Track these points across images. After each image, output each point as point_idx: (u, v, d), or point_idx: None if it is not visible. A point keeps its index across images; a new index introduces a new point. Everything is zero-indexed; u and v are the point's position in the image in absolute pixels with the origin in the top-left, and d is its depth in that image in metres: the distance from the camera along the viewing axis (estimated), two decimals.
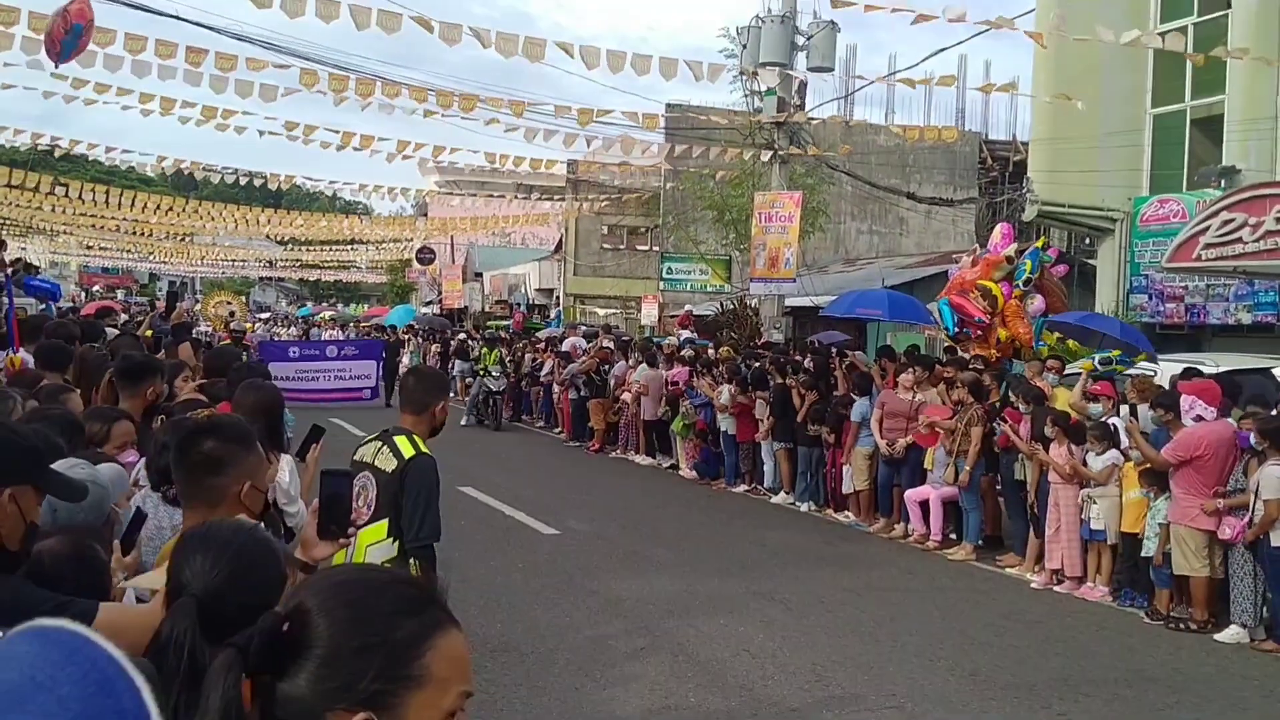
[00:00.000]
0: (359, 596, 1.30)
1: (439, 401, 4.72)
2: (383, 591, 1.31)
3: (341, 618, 1.27)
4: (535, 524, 12.19)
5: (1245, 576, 8.62)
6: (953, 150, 30.89)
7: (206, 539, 2.09)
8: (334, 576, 1.36)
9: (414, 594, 1.33)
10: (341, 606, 1.28)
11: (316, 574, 1.45)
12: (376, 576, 1.38)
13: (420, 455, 4.47)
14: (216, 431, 3.02)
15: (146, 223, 36.28)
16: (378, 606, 1.29)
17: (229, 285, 56.54)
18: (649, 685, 7.05)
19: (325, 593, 1.30)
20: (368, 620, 1.27)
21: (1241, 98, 17.11)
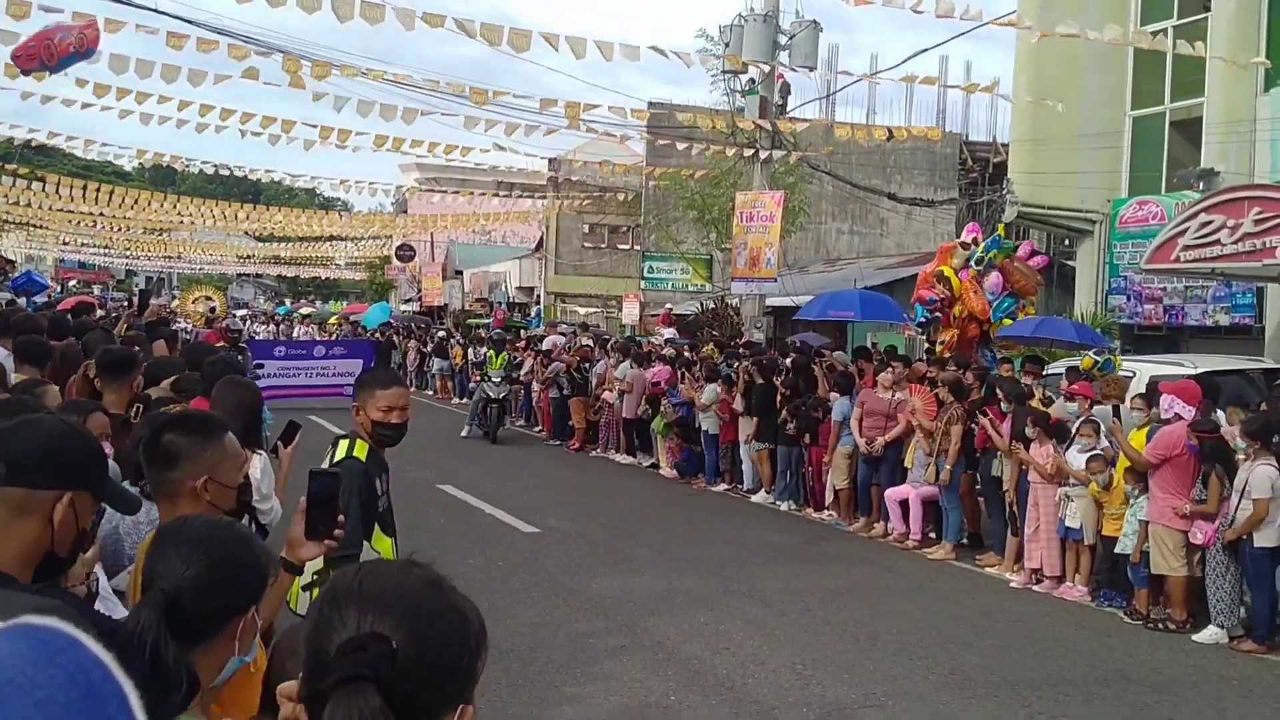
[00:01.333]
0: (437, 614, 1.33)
1: (361, 401, 4.44)
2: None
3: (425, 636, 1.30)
4: (515, 522, 12.14)
5: (1222, 577, 8.65)
6: (933, 151, 30.97)
7: (180, 534, 2.05)
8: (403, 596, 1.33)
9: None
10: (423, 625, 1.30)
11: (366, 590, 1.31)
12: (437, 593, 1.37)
13: (347, 459, 4.21)
14: (178, 425, 2.99)
15: (124, 218, 36.01)
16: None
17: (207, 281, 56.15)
18: (629, 683, 7.02)
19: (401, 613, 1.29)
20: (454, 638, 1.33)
21: (1220, 100, 17.23)
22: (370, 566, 1.38)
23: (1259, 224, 12.74)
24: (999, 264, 14.65)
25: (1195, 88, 18.00)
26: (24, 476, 2.16)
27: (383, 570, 1.37)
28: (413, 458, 15.48)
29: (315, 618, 1.31)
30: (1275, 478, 8.30)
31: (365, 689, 1.20)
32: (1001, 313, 14.47)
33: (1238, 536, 8.44)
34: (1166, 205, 17.34)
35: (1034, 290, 14.95)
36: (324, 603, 1.32)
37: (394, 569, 1.37)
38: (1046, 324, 13.97)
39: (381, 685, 1.21)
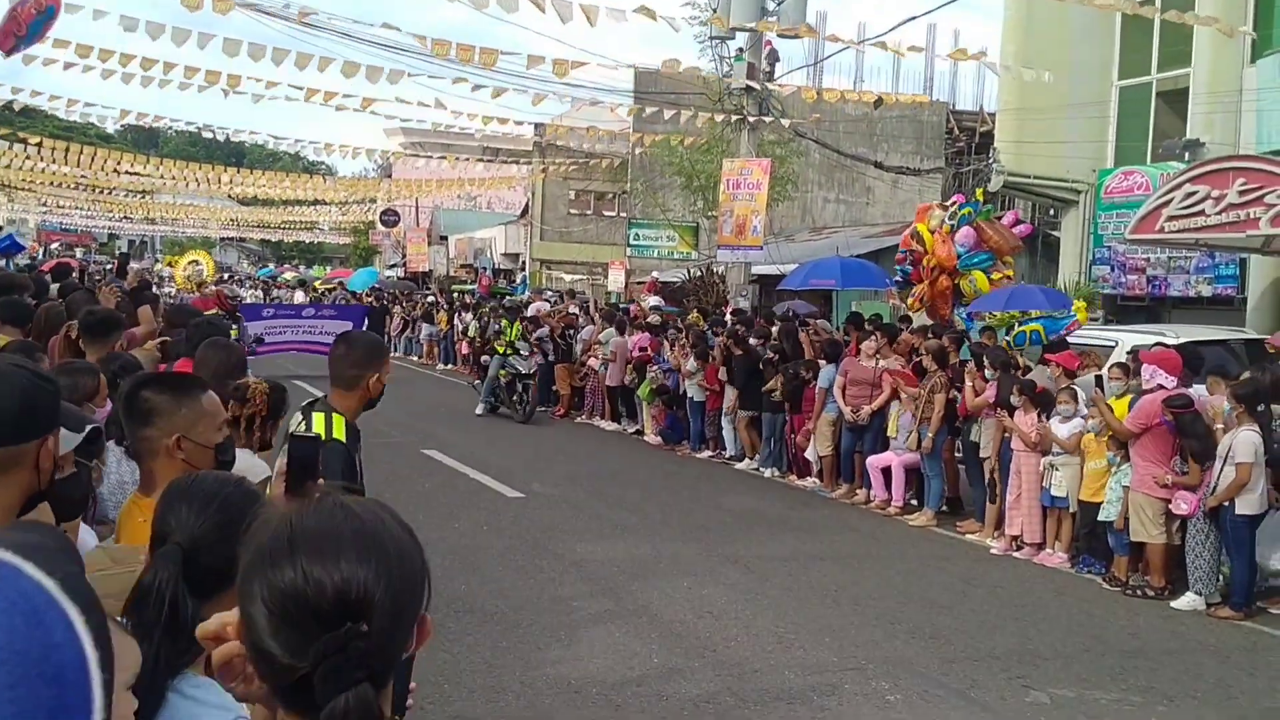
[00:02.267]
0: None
1: (373, 373, 4.10)
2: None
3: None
4: (500, 487, 12.17)
5: (1202, 545, 8.74)
6: (920, 120, 30.96)
7: (190, 490, 2.05)
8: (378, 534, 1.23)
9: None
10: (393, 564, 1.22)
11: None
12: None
13: (331, 442, 3.89)
14: (155, 383, 2.99)
15: (106, 181, 35.72)
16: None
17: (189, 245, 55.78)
18: (612, 646, 7.07)
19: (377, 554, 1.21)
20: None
21: (1207, 71, 17.22)
22: (298, 513, 1.21)
23: (1243, 195, 12.78)
24: (972, 222, 14.73)
25: (1182, 58, 17.99)
26: (6, 436, 2.16)
27: (318, 514, 1.22)
28: (398, 423, 15.50)
29: (244, 591, 1.19)
30: (1259, 443, 8.37)
31: (362, 690, 1.14)
32: (973, 264, 14.50)
33: (1219, 503, 8.51)
34: (1152, 176, 17.37)
35: (1009, 251, 14.93)
36: (252, 575, 1.18)
37: (325, 512, 1.22)
38: (1017, 294, 13.94)
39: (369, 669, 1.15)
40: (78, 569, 0.84)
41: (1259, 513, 8.46)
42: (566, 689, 6.29)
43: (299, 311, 24.43)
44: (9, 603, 0.78)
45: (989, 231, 14.61)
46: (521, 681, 6.32)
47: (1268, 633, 8.20)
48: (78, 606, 0.79)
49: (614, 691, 6.30)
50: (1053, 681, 6.81)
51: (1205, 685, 6.97)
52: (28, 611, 0.78)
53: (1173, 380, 9.29)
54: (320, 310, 24.86)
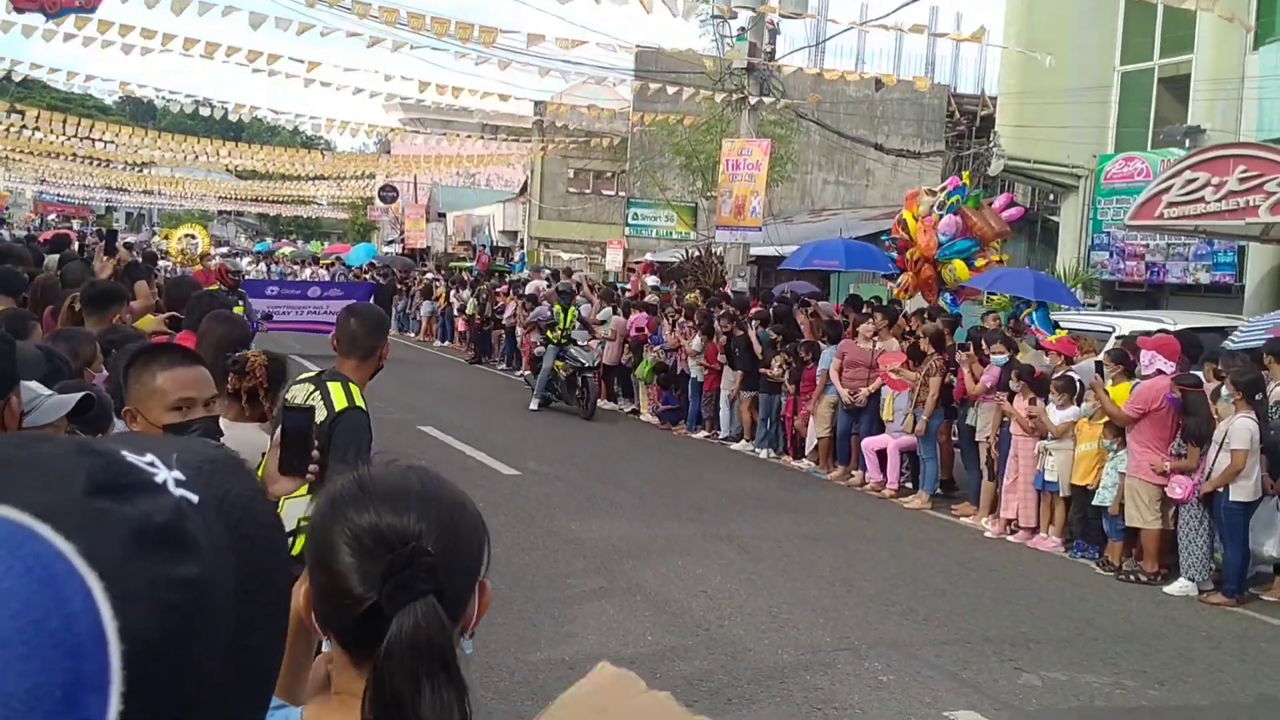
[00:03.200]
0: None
1: (384, 344, 4.35)
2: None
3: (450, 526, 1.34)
4: (495, 464, 12.17)
5: (1195, 531, 8.77)
6: (921, 103, 30.85)
7: None
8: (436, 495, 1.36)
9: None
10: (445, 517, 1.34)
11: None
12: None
13: (353, 409, 4.07)
14: (133, 357, 2.99)
15: (104, 153, 35.58)
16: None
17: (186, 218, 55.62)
18: (606, 624, 7.09)
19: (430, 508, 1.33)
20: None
21: (1209, 57, 17.18)
22: (365, 472, 1.36)
23: (1243, 182, 12.78)
24: (958, 210, 14.66)
25: (1185, 44, 17.94)
26: None
27: (381, 474, 1.36)
28: (394, 399, 15.49)
29: (321, 537, 1.30)
30: (1254, 430, 8.39)
31: (429, 602, 1.24)
32: (953, 253, 14.43)
33: (1214, 489, 8.54)
34: (1152, 162, 17.35)
35: (995, 236, 14.83)
36: (331, 520, 1.30)
37: (390, 472, 1.36)
38: (1006, 276, 13.71)
39: (439, 592, 1.25)
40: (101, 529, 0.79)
41: (1253, 499, 8.48)
42: (560, 666, 6.31)
43: (304, 290, 23.70)
44: (25, 567, 0.75)
45: (974, 219, 14.51)
46: (516, 658, 6.33)
47: (1260, 619, 8.24)
48: (97, 572, 0.76)
49: None
50: (1045, 664, 6.84)
51: (1197, 670, 7.00)
52: (44, 577, 0.76)
53: (1172, 365, 9.31)
54: (327, 289, 24.32)
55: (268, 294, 21.82)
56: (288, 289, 23.61)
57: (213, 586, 0.74)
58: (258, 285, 23.57)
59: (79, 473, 0.73)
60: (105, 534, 0.72)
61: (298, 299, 22.50)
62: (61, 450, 0.74)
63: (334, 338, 4.35)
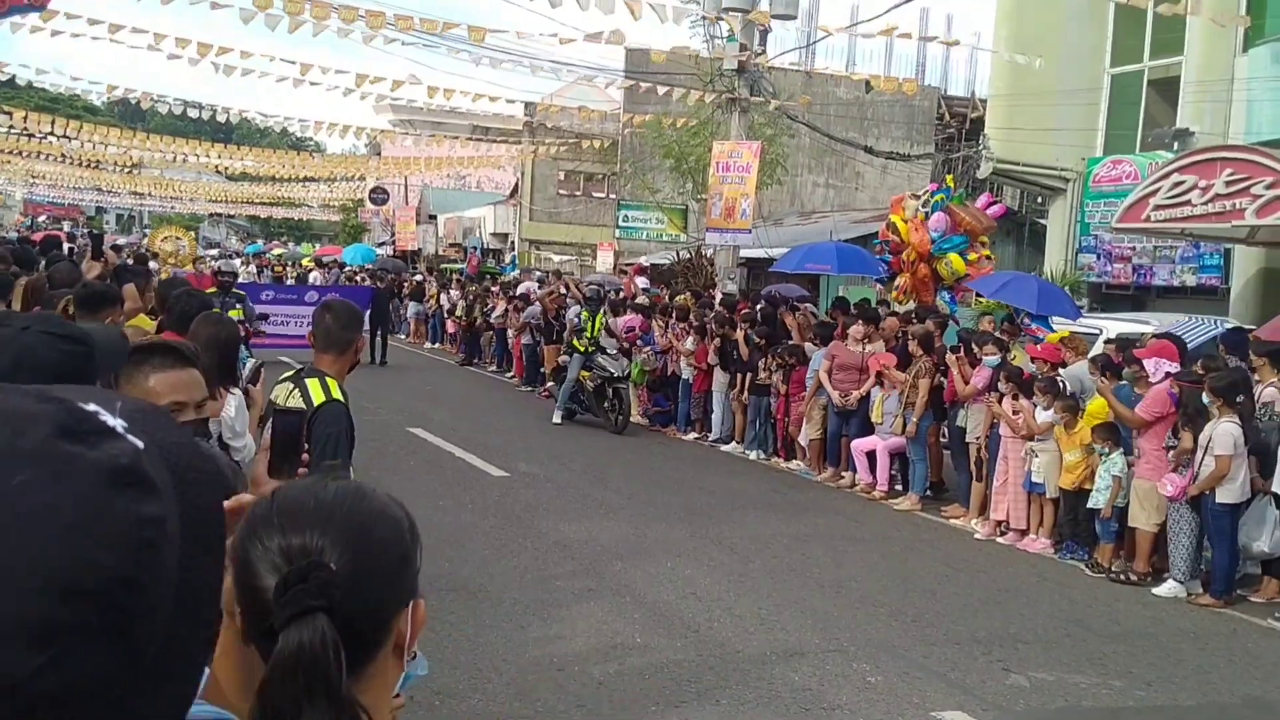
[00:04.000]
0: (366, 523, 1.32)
1: (359, 337, 4.45)
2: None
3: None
4: (485, 466, 12.17)
5: (1184, 532, 8.80)
6: (911, 105, 30.92)
7: None
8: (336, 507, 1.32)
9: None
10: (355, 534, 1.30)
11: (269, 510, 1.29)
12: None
13: (330, 402, 4.13)
14: (153, 354, 2.98)
15: (93, 154, 35.48)
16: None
17: (177, 220, 55.50)
18: (595, 625, 7.09)
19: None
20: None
21: (1199, 60, 17.24)
22: (285, 490, 1.33)
23: (1230, 185, 12.84)
24: (944, 207, 14.74)
25: (1174, 46, 17.99)
26: None
27: (299, 490, 1.33)
28: (383, 400, 15.48)
29: (241, 555, 1.28)
30: (1238, 435, 8.42)
31: (316, 619, 1.19)
32: (947, 248, 14.48)
33: (1200, 492, 8.57)
34: (1140, 165, 17.40)
35: (983, 231, 14.89)
36: (246, 537, 1.28)
37: (310, 487, 1.33)
38: (1012, 284, 13.39)
39: (330, 608, 1.20)
40: None
41: (1240, 501, 8.51)
42: (549, 667, 6.31)
43: (301, 295, 22.30)
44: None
45: (961, 214, 14.62)
46: (504, 659, 6.33)
47: (1247, 620, 8.26)
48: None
49: (596, 669, 6.32)
50: (1033, 665, 6.85)
51: (1184, 671, 7.02)
52: None
53: (1175, 366, 9.39)
54: (324, 294, 23.54)
55: (263, 299, 20.62)
56: (283, 294, 22.45)
57: (167, 525, 0.76)
58: (253, 290, 21.99)
59: (45, 418, 0.74)
60: (82, 475, 0.73)
61: (294, 304, 21.30)
62: (24, 397, 0.76)
63: (310, 334, 4.38)
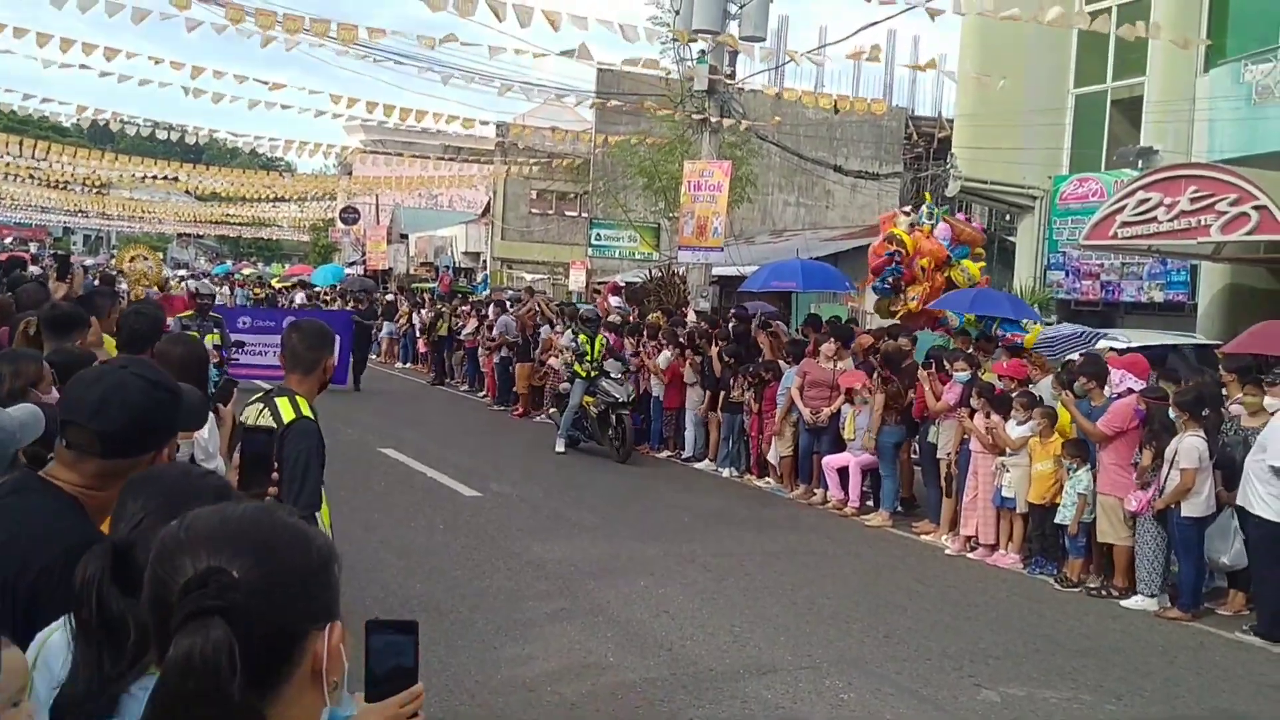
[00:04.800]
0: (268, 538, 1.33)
1: (328, 355, 4.46)
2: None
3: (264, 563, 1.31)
4: (457, 486, 12.14)
5: (1152, 547, 8.88)
6: (879, 125, 31.13)
7: (142, 483, 2.03)
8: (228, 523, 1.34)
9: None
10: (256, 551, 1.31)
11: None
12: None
13: (300, 419, 4.17)
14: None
15: (60, 173, 35.22)
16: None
17: (145, 240, 55.12)
18: (568, 645, 7.08)
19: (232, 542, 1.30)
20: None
21: (1161, 80, 17.46)
22: (194, 514, 1.35)
23: (1194, 202, 12.99)
24: (943, 219, 14.84)
25: (1137, 67, 18.23)
26: (122, 449, 2.28)
27: (209, 513, 1.35)
28: (355, 420, 15.42)
29: (150, 576, 1.30)
30: (1203, 449, 8.52)
31: (209, 621, 1.21)
32: (962, 254, 14.63)
33: (1166, 506, 8.66)
34: (1106, 183, 17.59)
35: (979, 242, 15.11)
36: (156, 560, 1.30)
37: (221, 509, 1.36)
38: (981, 297, 13.90)
39: (230, 615, 1.21)
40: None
41: (1205, 515, 8.61)
42: (521, 688, 6.29)
43: (279, 322, 20.01)
44: None
45: (960, 226, 14.83)
46: (476, 680, 6.31)
47: (1214, 633, 8.34)
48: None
49: (568, 689, 6.31)
50: (1004, 680, 6.89)
51: (1153, 684, 7.08)
52: None
53: (1141, 383, 9.49)
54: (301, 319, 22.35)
55: (239, 326, 19.18)
56: (261, 319, 20.77)
57: None
58: (230, 314, 20.77)
59: None
60: None
61: (272, 332, 19.09)
62: None
63: (280, 355, 4.40)
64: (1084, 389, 9.70)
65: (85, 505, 2.25)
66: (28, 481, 2.30)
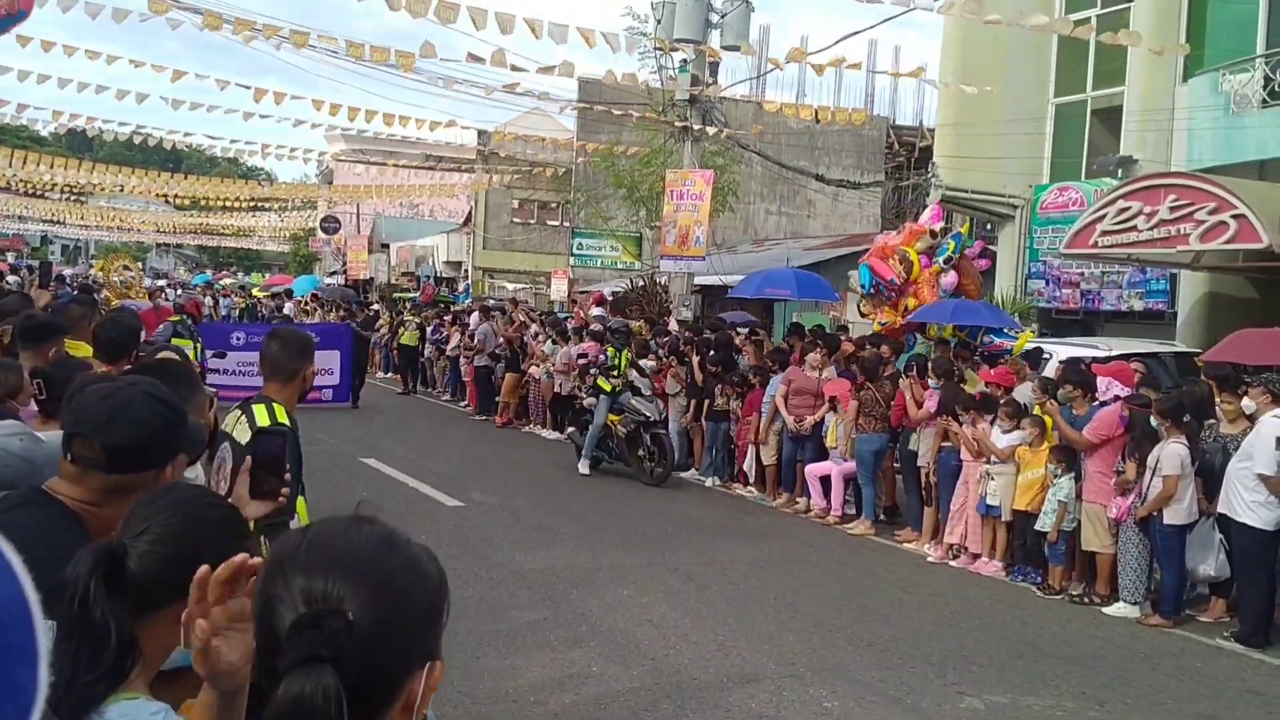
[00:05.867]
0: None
1: (308, 365, 4.45)
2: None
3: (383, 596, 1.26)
4: (439, 495, 12.08)
5: (1133, 554, 8.91)
6: (861, 134, 31.28)
7: (155, 499, 1.94)
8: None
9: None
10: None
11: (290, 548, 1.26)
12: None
13: (278, 425, 4.14)
14: (165, 377, 2.92)
15: (38, 178, 34.98)
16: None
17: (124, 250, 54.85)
18: (551, 655, 7.04)
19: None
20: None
21: (1140, 89, 17.59)
22: (316, 529, 1.30)
23: (1174, 211, 13.07)
24: (956, 262, 14.55)
25: (1116, 76, 18.37)
26: (128, 464, 2.29)
27: (329, 531, 1.29)
28: (335, 430, 15.34)
29: (260, 592, 1.25)
30: (1185, 456, 8.55)
31: (321, 670, 1.16)
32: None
33: (1148, 513, 8.68)
34: (1086, 191, 17.69)
35: (977, 292, 14.95)
36: (268, 575, 1.26)
37: (341, 528, 1.30)
38: (960, 308, 13.84)
39: (339, 660, 1.17)
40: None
41: (1187, 522, 8.63)
42: (504, 698, 6.25)
43: None
44: None
45: (967, 276, 14.56)
46: (459, 691, 6.26)
47: (1196, 639, 8.36)
48: (13, 546, 0.79)
49: (552, 699, 6.27)
50: (987, 688, 6.89)
51: (1136, 691, 7.09)
52: None
53: (1127, 390, 9.53)
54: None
55: (233, 343, 17.99)
56: (255, 334, 18.08)
57: None
58: (221, 330, 19.80)
59: None
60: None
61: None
62: None
63: (260, 363, 4.37)
64: (1068, 396, 9.72)
65: (87, 523, 2.23)
66: (32, 496, 2.29)
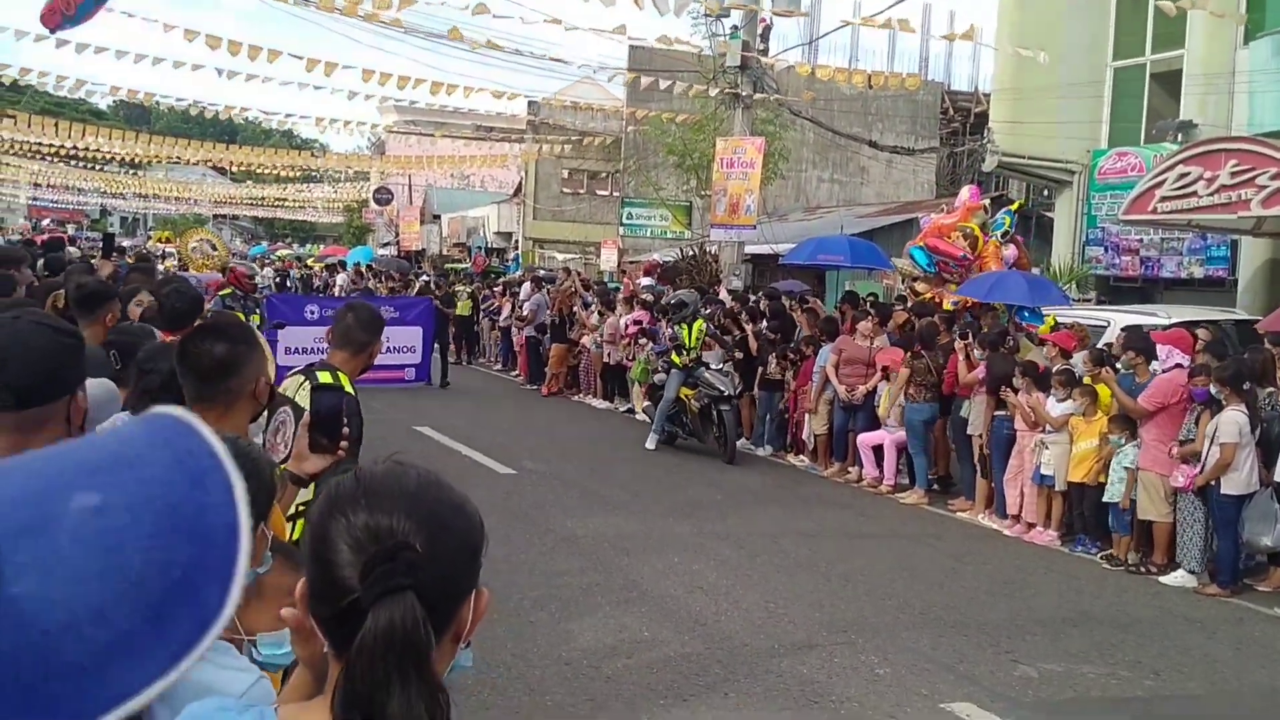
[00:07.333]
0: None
1: (377, 340, 4.51)
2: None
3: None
4: (491, 463, 12.19)
5: (1193, 523, 8.80)
6: (915, 100, 30.88)
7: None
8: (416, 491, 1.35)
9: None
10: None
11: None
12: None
13: (342, 389, 4.20)
14: (223, 335, 3.01)
15: (97, 156, 35.53)
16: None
17: (181, 222, 55.54)
18: (603, 619, 7.10)
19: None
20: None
21: (1200, 52, 17.20)
22: (368, 472, 1.35)
23: (1235, 176, 12.79)
24: (1013, 236, 14.41)
25: (1176, 39, 17.96)
26: (36, 397, 2.24)
27: (381, 473, 1.35)
28: (391, 399, 15.50)
29: (318, 531, 1.31)
30: (1244, 423, 8.42)
31: (406, 597, 1.22)
32: None
33: (1206, 482, 8.57)
34: (1145, 157, 17.36)
35: (1028, 264, 14.77)
36: (327, 514, 1.31)
37: (391, 471, 1.35)
38: (1000, 282, 13.34)
39: (417, 588, 1.23)
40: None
41: (1245, 492, 8.51)
42: (558, 661, 6.33)
43: None
44: (175, 458, 0.82)
45: (1024, 255, 14.44)
46: (513, 654, 6.35)
47: (1253, 609, 8.27)
48: (240, 474, 0.84)
49: (605, 664, 6.34)
50: (1041, 656, 6.86)
51: (1191, 660, 7.03)
52: (191, 470, 0.82)
53: (1187, 359, 9.38)
54: (380, 308, 19.95)
55: (307, 316, 17.07)
56: (329, 308, 16.60)
57: None
58: (295, 303, 18.72)
59: None
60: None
61: None
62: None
63: (329, 331, 4.43)
64: (1130, 364, 9.59)
65: None
66: None
